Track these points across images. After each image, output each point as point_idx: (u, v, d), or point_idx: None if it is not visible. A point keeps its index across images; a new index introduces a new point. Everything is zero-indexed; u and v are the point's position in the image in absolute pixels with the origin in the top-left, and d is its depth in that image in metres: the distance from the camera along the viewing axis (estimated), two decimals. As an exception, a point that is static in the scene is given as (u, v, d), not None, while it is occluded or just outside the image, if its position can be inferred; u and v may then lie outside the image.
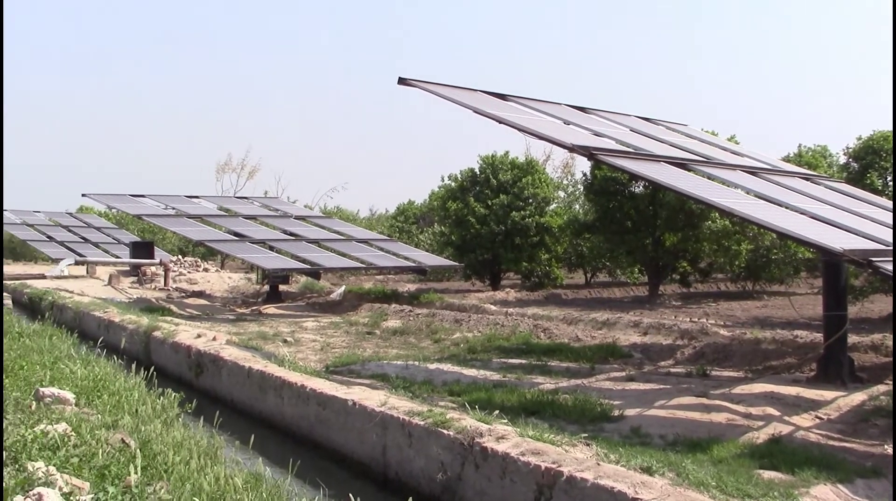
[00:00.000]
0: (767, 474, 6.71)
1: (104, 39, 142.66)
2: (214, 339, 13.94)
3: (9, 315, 17.59)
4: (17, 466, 5.55)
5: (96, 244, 41.75)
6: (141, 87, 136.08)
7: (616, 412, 9.43)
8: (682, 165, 12.08)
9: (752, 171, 13.56)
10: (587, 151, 11.13)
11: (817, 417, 9.30)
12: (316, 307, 24.09)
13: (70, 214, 50.62)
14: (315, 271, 25.27)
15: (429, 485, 7.44)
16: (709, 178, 12.50)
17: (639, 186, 25.98)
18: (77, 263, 34.27)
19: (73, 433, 6.65)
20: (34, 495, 4.03)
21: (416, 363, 13.46)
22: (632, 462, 6.22)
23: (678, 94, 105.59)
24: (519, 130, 12.14)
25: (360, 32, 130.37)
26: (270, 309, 23.44)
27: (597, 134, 13.12)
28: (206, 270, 36.19)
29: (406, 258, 27.52)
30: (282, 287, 27.02)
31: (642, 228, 26.18)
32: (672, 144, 14.03)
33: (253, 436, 7.80)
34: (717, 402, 9.86)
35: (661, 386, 11.30)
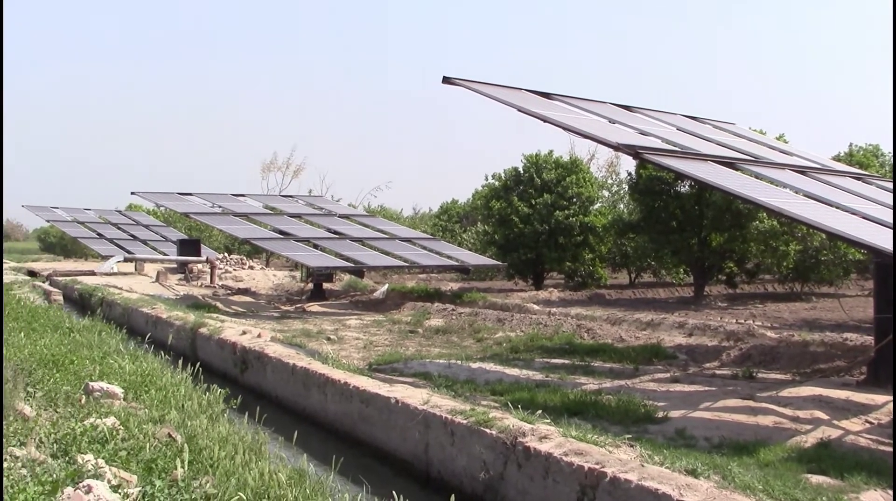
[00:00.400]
0: (815, 478, 6.59)
1: (155, 37, 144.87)
2: (259, 336, 14.06)
3: (59, 310, 17.95)
4: (67, 458, 5.66)
5: (144, 242, 42.39)
6: (190, 86, 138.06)
7: (660, 414, 9.34)
8: (729, 164, 11.92)
9: (802, 170, 13.33)
10: (633, 150, 11.03)
11: (867, 421, 9.11)
12: (359, 306, 24.21)
13: (119, 211, 51.48)
14: (359, 270, 25.42)
15: (471, 484, 7.43)
16: (756, 177, 12.31)
17: (685, 186, 25.72)
18: (126, 260, 34.86)
19: (121, 426, 6.76)
20: (84, 487, 4.11)
21: (459, 361, 13.46)
22: (676, 464, 6.15)
23: (724, 94, 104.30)
24: (564, 128, 12.07)
25: (405, 32, 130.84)
26: (314, 307, 23.61)
27: (643, 133, 12.99)
28: (251, 267, 36.58)
29: (449, 257, 27.53)
30: (326, 285, 27.20)
31: (688, 228, 25.91)
32: (719, 143, 13.84)
33: (296, 433, 7.84)
34: (764, 405, 9.71)
35: (707, 388, 11.16)
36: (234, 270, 34.68)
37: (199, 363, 10.89)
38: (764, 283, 29.55)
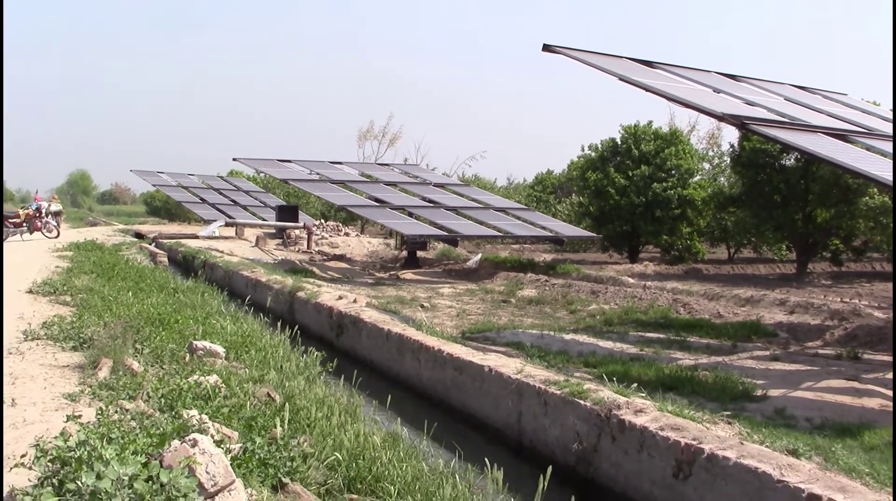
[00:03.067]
0: (925, 464, 6.33)
1: (252, 6, 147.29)
2: (355, 301, 14.28)
3: (164, 272, 18.61)
4: (173, 413, 5.87)
5: (244, 207, 43.45)
6: (288, 54, 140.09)
7: (759, 392, 9.12)
8: (840, 136, 11.45)
9: (919, 144, 12.71)
10: (738, 121, 10.70)
11: (982, 408, 8.70)
12: (452, 274, 24.32)
13: (221, 177, 52.86)
14: (452, 239, 25.47)
15: (563, 455, 7.40)
16: (868, 150, 11.80)
17: (790, 159, 24.90)
18: (227, 224, 35.83)
19: (223, 385, 6.96)
20: (190, 440, 4.24)
21: (552, 333, 13.40)
22: (777, 443, 5.98)
23: (833, 61, 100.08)
24: (666, 98, 11.79)
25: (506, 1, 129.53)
26: (408, 274, 23.83)
27: (748, 103, 12.59)
28: (346, 234, 37.13)
29: (543, 228, 27.36)
30: (419, 253, 27.42)
31: (792, 202, 25.11)
32: (830, 114, 13.32)
33: (390, 397, 7.95)
34: (870, 386, 9.38)
35: (808, 368, 10.83)
36: (330, 236, 35.26)
37: (296, 326, 11.13)
38: (872, 261, 28.44)
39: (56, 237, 27.55)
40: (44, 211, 28.83)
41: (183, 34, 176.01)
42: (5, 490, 4.29)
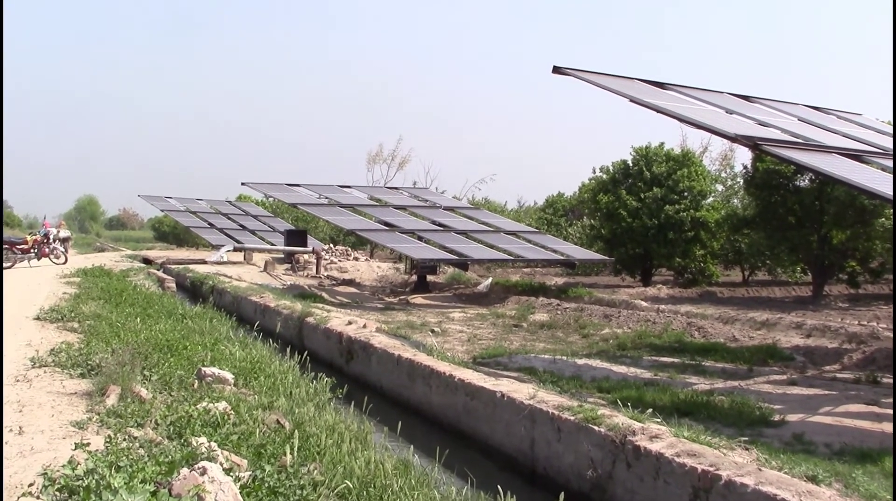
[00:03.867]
0: (949, 491, 6.26)
1: (266, 23, 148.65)
2: (365, 326, 14.27)
3: (172, 297, 18.66)
4: (181, 440, 5.86)
5: (253, 232, 43.59)
6: (296, 79, 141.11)
7: (776, 417, 9.06)
8: (855, 156, 11.44)
9: (935, 164, 12.68)
10: (751, 142, 10.71)
11: None
12: (463, 299, 24.30)
13: (230, 202, 53.08)
14: (463, 263, 25.47)
15: (578, 482, 7.36)
16: (883, 170, 11.77)
17: (804, 180, 24.84)
18: (235, 249, 35.92)
19: (232, 411, 6.96)
20: (199, 468, 4.24)
21: (564, 357, 13.36)
22: (796, 469, 5.94)
23: (848, 82, 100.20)
24: (678, 119, 11.81)
25: (514, 24, 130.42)
26: (418, 299, 23.83)
27: (762, 124, 12.60)
28: (355, 258, 37.19)
29: (554, 251, 27.35)
30: (429, 278, 27.42)
31: (807, 224, 25.02)
32: (845, 135, 13.30)
33: (400, 423, 7.92)
34: (890, 411, 9.29)
35: (827, 392, 10.76)
36: (339, 260, 35.32)
37: (305, 352, 11.14)
38: (889, 283, 28.26)
39: (64, 263, 27.65)
40: (52, 237, 28.96)
41: (192, 58, 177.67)
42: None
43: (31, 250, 27.69)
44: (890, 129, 17.42)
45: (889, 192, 9.89)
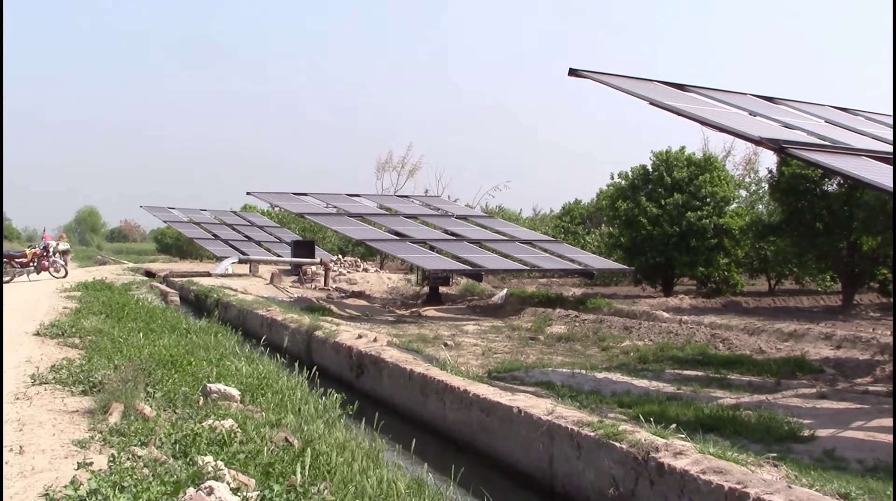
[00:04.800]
0: None
1: (268, 33, 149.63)
2: (375, 340, 14.28)
3: (176, 311, 18.71)
4: (187, 459, 5.88)
5: (259, 243, 43.72)
6: (302, 85, 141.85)
7: (806, 432, 9.02)
8: (885, 159, 11.38)
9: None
10: (776, 145, 10.67)
11: None
12: (477, 311, 24.29)
13: (235, 212, 53.27)
14: (476, 273, 25.46)
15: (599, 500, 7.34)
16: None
17: (832, 184, 24.76)
18: (240, 261, 36.01)
19: (239, 429, 6.97)
20: (206, 488, 4.25)
21: (583, 371, 13.34)
22: (827, 486, 5.90)
23: (875, 81, 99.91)
24: (700, 122, 11.80)
25: (527, 24, 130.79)
26: (430, 311, 23.84)
27: (787, 126, 12.56)
28: (365, 270, 37.22)
29: (572, 261, 27.31)
30: (442, 289, 27.43)
31: (835, 230, 24.92)
32: (874, 137, 13.25)
33: (414, 441, 7.93)
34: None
35: (859, 406, 10.71)
36: (348, 272, 35.36)
37: (314, 367, 11.13)
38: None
39: (64, 277, 27.79)
40: (51, 250, 29.13)
41: (195, 66, 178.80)
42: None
43: (31, 264, 27.86)
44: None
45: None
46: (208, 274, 33.83)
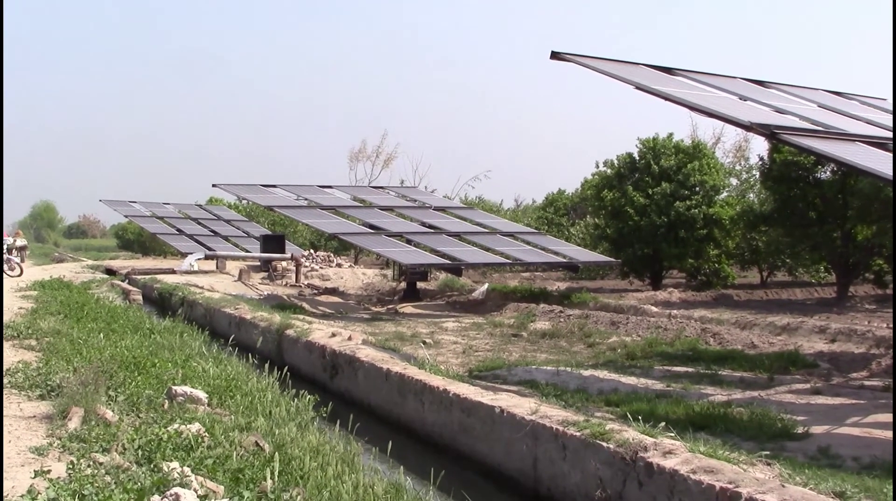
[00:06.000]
0: None
1: (238, 15, 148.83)
2: (350, 338, 14.26)
3: (139, 311, 18.63)
4: (151, 466, 5.85)
5: (226, 238, 43.51)
6: (269, 71, 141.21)
7: (800, 429, 9.11)
8: (880, 144, 11.49)
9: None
10: (768, 130, 10.75)
11: None
12: (457, 307, 24.31)
13: (200, 205, 52.94)
14: (456, 267, 25.50)
15: (585, 504, 7.37)
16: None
17: (826, 172, 24.95)
18: (206, 257, 35.86)
19: (206, 434, 6.96)
20: (171, 495, 4.24)
21: (568, 369, 13.38)
22: (822, 485, 5.96)
23: (869, 65, 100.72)
24: (688, 107, 11.87)
25: (510, 5, 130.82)
26: (407, 308, 23.82)
27: (779, 111, 12.65)
28: (339, 265, 37.16)
29: (555, 254, 27.36)
30: (420, 284, 27.40)
31: (829, 219, 25.13)
32: (868, 121, 13.37)
33: (391, 443, 7.92)
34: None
35: (854, 401, 10.81)
36: (321, 268, 35.28)
37: (285, 368, 11.14)
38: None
39: (19, 276, 27.57)
40: (6, 247, 28.88)
41: (154, 52, 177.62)
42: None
43: (-18, 263, 27.60)
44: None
45: (918, 182, 9.95)
46: (173, 271, 33.67)
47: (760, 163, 28.94)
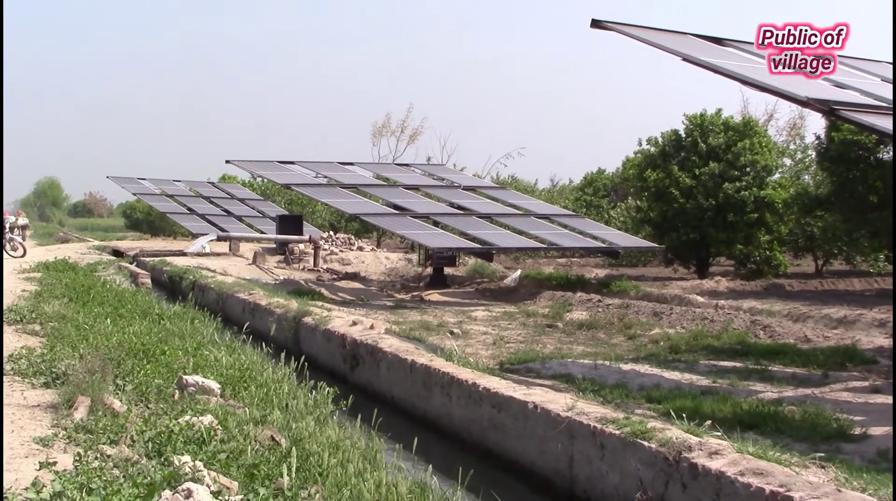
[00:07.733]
0: None
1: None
2: (372, 327, 14.31)
3: (148, 295, 18.80)
4: (162, 459, 5.91)
5: (240, 218, 43.69)
6: (289, 39, 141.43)
7: (857, 430, 9.03)
8: (950, 123, 11.33)
9: None
10: (826, 106, 10.64)
11: None
12: (486, 294, 24.31)
13: (212, 183, 53.20)
14: (486, 252, 25.44)
15: (624, 507, 7.37)
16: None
17: (889, 152, 24.65)
18: (219, 238, 35.99)
19: (219, 426, 7.02)
20: (184, 491, 4.28)
21: (607, 362, 13.35)
22: (881, 491, 5.93)
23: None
24: (739, 80, 11.75)
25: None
26: (434, 295, 23.85)
27: (838, 85, 12.49)
28: (360, 248, 37.23)
29: (594, 238, 27.26)
30: (447, 270, 27.40)
31: (891, 204, 24.82)
32: (938, 98, 13.17)
33: (416, 439, 7.96)
34: None
35: (917, 401, 10.71)
36: (341, 251, 35.35)
37: (302, 358, 11.18)
38: None
39: (22, 256, 27.86)
40: (9, 226, 29.18)
41: (168, 25, 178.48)
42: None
43: (-17, 242, 27.92)
44: None
45: None
46: (183, 253, 33.90)
47: (817, 142, 28.63)
